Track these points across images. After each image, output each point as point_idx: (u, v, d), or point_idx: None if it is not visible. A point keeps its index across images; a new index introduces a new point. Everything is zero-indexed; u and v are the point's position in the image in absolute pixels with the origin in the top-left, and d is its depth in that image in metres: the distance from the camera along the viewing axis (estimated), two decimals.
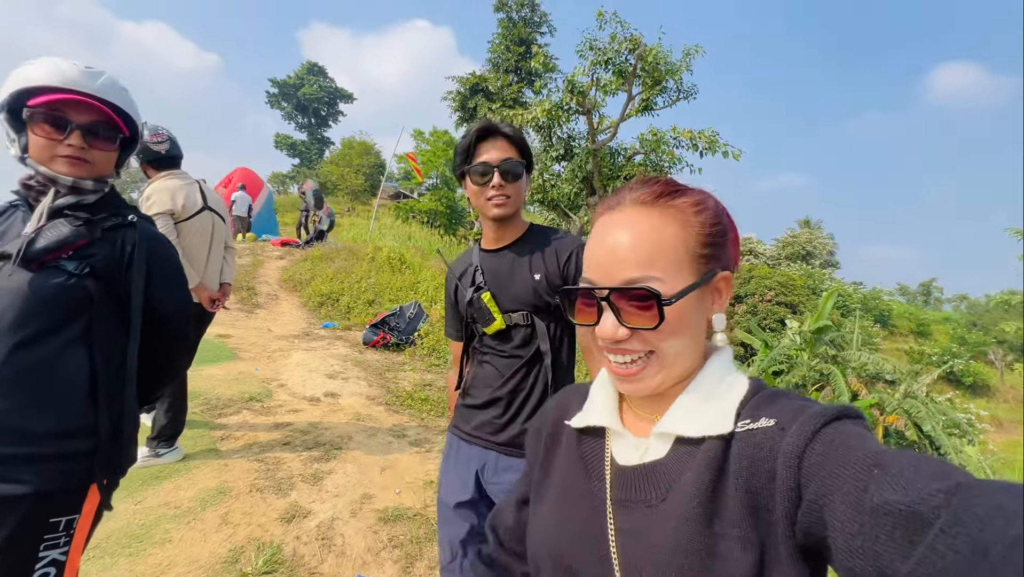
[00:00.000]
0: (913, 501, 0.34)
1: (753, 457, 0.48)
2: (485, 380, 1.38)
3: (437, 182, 25.62)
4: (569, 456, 0.64)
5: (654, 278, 0.53)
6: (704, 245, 0.55)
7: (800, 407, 0.49)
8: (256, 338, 5.84)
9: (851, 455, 0.41)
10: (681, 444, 0.55)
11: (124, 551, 1.98)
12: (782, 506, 0.44)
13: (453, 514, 1.36)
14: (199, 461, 2.76)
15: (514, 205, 1.31)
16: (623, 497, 0.56)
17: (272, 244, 11.81)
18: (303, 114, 39.46)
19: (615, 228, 0.56)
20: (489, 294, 1.33)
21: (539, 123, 10.92)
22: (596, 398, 0.64)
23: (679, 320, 0.54)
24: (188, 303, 1.31)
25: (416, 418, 4.05)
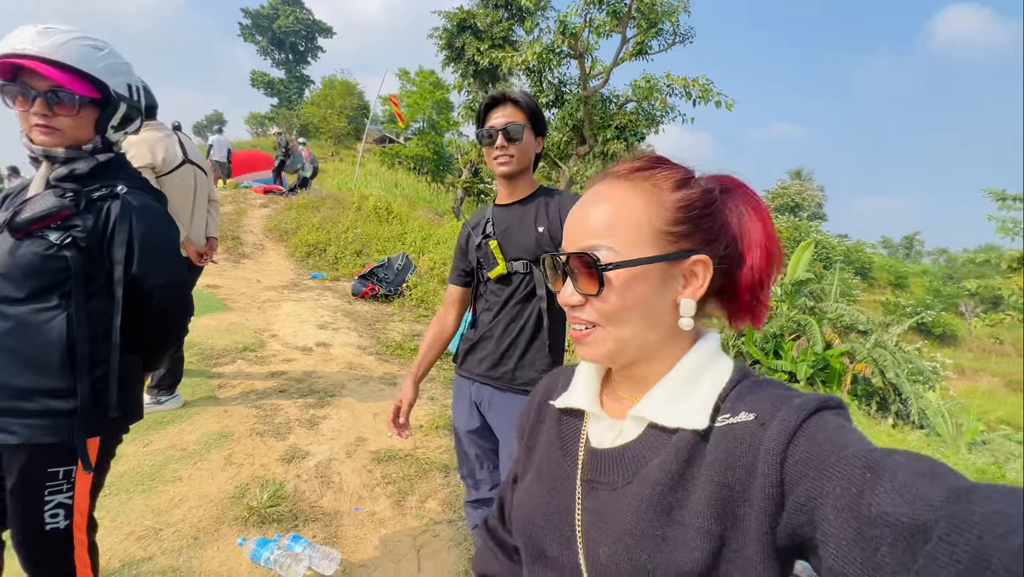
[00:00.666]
0: (915, 512, 0.33)
1: (730, 451, 0.48)
2: (485, 321, 1.55)
3: (424, 126, 24.75)
4: (549, 436, 0.66)
5: (605, 247, 0.54)
6: (674, 222, 0.54)
7: (780, 399, 0.48)
8: (245, 288, 5.89)
9: (839, 454, 0.41)
10: (654, 429, 0.55)
11: (137, 488, 2.15)
12: (761, 504, 0.44)
13: (466, 438, 1.60)
14: (199, 408, 2.91)
15: (518, 163, 1.44)
16: (592, 478, 0.57)
17: (255, 191, 11.55)
18: (279, 49, 37.17)
19: (587, 199, 0.58)
20: (496, 242, 1.49)
21: (529, 66, 10.52)
22: (579, 380, 0.65)
23: (626, 291, 0.53)
24: (177, 277, 1.28)
25: (406, 367, 4.22)
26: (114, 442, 1.29)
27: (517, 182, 1.49)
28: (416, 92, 23.69)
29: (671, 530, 0.48)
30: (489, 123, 1.44)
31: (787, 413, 0.45)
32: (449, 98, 24.23)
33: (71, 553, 1.23)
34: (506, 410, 1.50)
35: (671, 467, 0.50)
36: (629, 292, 0.54)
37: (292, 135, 29.83)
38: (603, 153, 10.64)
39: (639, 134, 10.74)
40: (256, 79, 37.44)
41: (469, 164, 16.10)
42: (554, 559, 0.57)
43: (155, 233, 1.23)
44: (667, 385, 0.55)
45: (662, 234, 0.54)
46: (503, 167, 1.43)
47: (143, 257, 1.19)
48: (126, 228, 1.17)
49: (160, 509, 2.05)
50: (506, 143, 1.40)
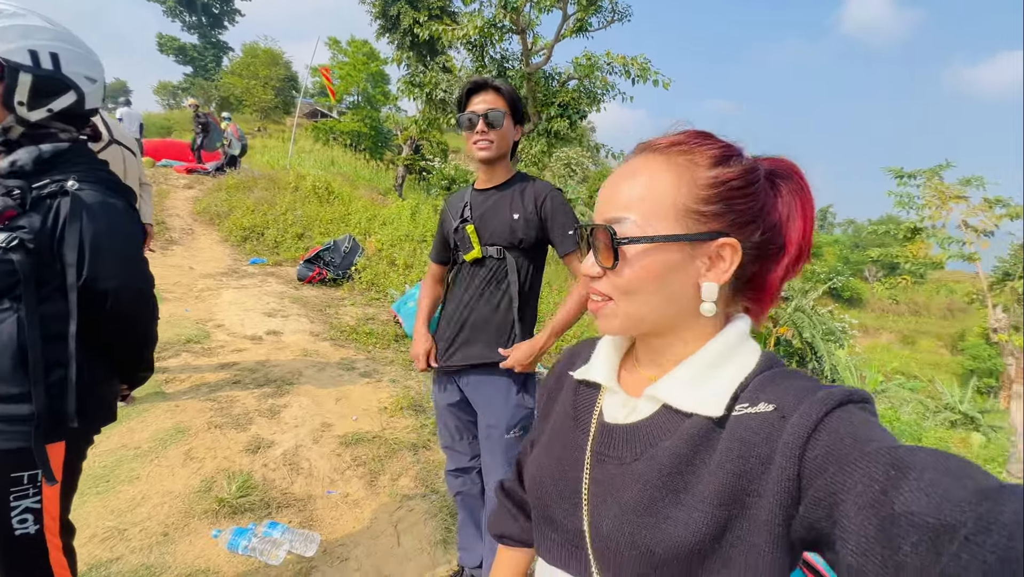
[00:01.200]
0: (941, 512, 0.33)
1: (746, 441, 0.47)
2: (461, 303, 1.61)
3: (359, 100, 23.57)
4: (564, 405, 0.67)
5: (629, 220, 0.53)
6: (704, 201, 0.52)
7: (802, 391, 0.47)
8: (178, 277, 5.51)
9: (861, 449, 0.40)
10: (668, 410, 0.54)
11: (92, 491, 2.05)
12: (776, 496, 0.44)
13: (445, 411, 1.69)
14: (147, 404, 2.77)
15: (498, 149, 1.48)
16: (601, 451, 0.58)
17: (176, 171, 10.64)
18: (190, 10, 33.64)
19: (620, 171, 0.56)
20: (472, 226, 1.54)
21: (471, 41, 10.30)
22: (599, 353, 0.65)
23: (642, 268, 0.52)
24: (134, 280, 1.21)
25: (363, 351, 4.19)
26: (83, 444, 1.24)
27: (496, 168, 1.54)
28: (349, 63, 22.47)
29: (674, 510, 0.48)
30: (470, 108, 1.47)
31: (809, 406, 0.45)
32: (385, 71, 23.22)
33: (45, 559, 1.19)
34: (483, 388, 1.59)
35: (681, 451, 0.50)
36: (645, 269, 0.52)
37: (212, 108, 27.47)
38: (547, 131, 10.73)
39: (581, 112, 10.90)
40: (164, 44, 33.82)
41: (409, 141, 15.63)
42: (560, 523, 0.58)
43: (110, 233, 1.14)
44: (688, 368, 0.54)
45: (689, 212, 0.52)
46: (483, 152, 1.47)
47: (95, 259, 1.11)
48: (76, 228, 1.08)
49: (120, 510, 1.98)
50: (486, 128, 1.44)
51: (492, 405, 1.58)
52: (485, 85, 1.47)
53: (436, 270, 1.74)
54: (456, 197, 1.66)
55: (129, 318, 1.22)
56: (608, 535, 0.52)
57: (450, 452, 1.76)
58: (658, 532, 0.48)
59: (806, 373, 0.52)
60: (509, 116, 1.47)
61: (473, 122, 1.45)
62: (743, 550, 0.45)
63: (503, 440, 1.58)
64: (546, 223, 1.52)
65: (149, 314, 1.29)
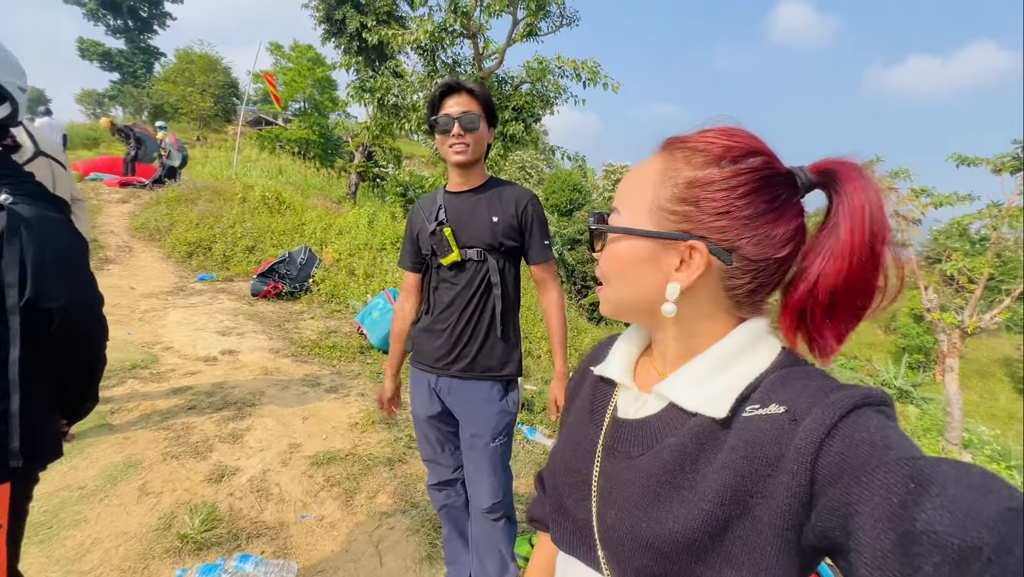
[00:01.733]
0: (967, 533, 0.31)
1: (753, 442, 0.46)
2: (438, 310, 1.56)
3: (305, 106, 22.81)
4: (583, 400, 0.68)
5: (617, 211, 0.56)
6: (676, 200, 0.51)
7: (817, 392, 0.45)
8: (117, 299, 5.11)
9: (879, 459, 0.38)
10: (675, 408, 0.54)
11: (32, 540, 1.84)
12: (785, 500, 0.43)
13: (426, 423, 1.64)
14: (91, 439, 2.54)
15: (474, 153, 1.44)
16: (612, 445, 0.59)
17: (107, 185, 9.91)
18: (115, 14, 31.52)
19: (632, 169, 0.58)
20: (450, 229, 1.49)
21: (421, 45, 10.20)
22: (616, 350, 0.65)
23: (616, 259, 0.55)
24: (82, 295, 1.12)
25: (327, 366, 4.03)
26: (29, 483, 1.12)
27: (471, 171, 1.50)
28: (293, 69, 21.73)
29: (675, 506, 0.48)
30: (444, 111, 1.42)
31: (822, 410, 0.43)
32: (332, 76, 22.61)
33: None
34: (467, 396, 1.55)
35: (686, 448, 0.50)
36: (616, 259, 0.55)
37: (143, 117, 25.79)
38: (502, 134, 10.77)
39: (535, 115, 11.01)
40: (87, 49, 31.48)
41: (361, 147, 15.27)
42: (571, 512, 0.60)
43: (52, 247, 1.05)
44: (696, 366, 0.53)
45: (661, 209, 0.52)
46: (459, 156, 1.43)
47: (38, 276, 1.02)
48: (16, 246, 0.99)
49: (67, 558, 1.79)
50: (462, 132, 1.40)
51: (476, 414, 1.54)
52: (459, 87, 1.42)
53: (411, 280, 1.67)
54: (427, 200, 1.60)
55: (81, 338, 1.13)
56: (612, 526, 0.53)
57: (432, 465, 1.71)
58: (657, 526, 0.48)
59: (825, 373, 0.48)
60: (484, 119, 1.44)
61: (448, 125, 1.41)
62: (746, 549, 0.45)
63: (488, 449, 1.54)
64: (523, 229, 1.51)
65: (101, 333, 1.20)
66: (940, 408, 12.39)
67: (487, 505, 1.56)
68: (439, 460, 1.68)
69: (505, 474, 1.61)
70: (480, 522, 1.61)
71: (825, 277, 0.47)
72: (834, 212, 0.48)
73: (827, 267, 0.47)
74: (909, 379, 16.43)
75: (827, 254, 0.47)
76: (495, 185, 1.54)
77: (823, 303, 0.48)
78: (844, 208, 0.47)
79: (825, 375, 0.48)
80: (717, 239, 0.50)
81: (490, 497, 1.55)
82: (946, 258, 7.03)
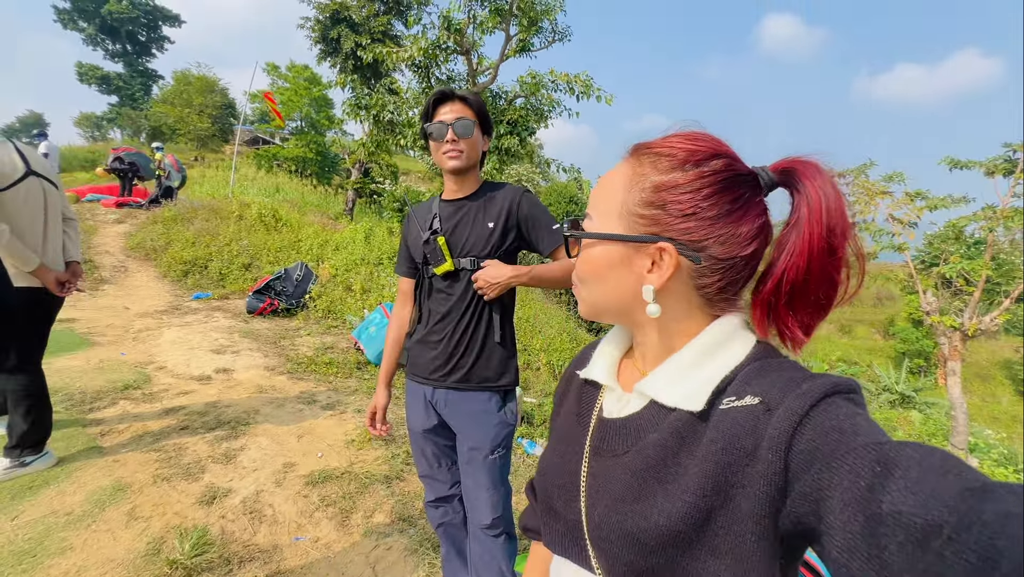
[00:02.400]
0: (928, 512, 0.33)
1: (730, 434, 0.48)
2: (433, 321, 1.52)
3: (302, 125, 22.99)
4: (570, 403, 0.69)
5: (590, 216, 0.58)
6: (644, 204, 0.53)
7: (789, 383, 0.47)
8: (111, 319, 5.06)
9: (847, 444, 0.40)
10: (655, 404, 0.56)
11: (15, 570, 1.78)
12: (762, 489, 0.44)
13: (422, 437, 1.58)
14: (80, 462, 2.47)
15: (467, 159, 1.43)
16: (598, 445, 0.60)
17: (104, 205, 9.92)
18: (113, 39, 31.94)
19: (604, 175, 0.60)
20: (443, 238, 1.47)
21: (415, 62, 10.31)
22: (600, 353, 0.66)
23: (590, 263, 0.57)
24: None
25: (323, 383, 3.97)
26: None
27: (465, 178, 1.48)
28: (290, 88, 21.95)
29: (659, 500, 0.49)
30: (437, 118, 1.42)
31: (794, 400, 0.44)
32: (328, 95, 22.84)
33: None
34: (464, 408, 1.51)
35: (668, 443, 0.51)
36: (590, 263, 0.57)
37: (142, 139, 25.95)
38: (498, 148, 10.84)
39: (530, 128, 11.10)
40: (85, 73, 31.82)
41: (358, 164, 15.35)
42: (561, 514, 0.61)
43: None
44: (674, 363, 0.55)
45: (631, 214, 0.54)
46: (453, 162, 1.42)
47: None
48: None
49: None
50: (456, 138, 1.40)
51: (474, 426, 1.50)
52: (452, 96, 1.42)
53: (405, 285, 1.65)
54: (422, 209, 1.58)
55: None
56: (600, 524, 0.54)
57: (429, 481, 1.65)
58: (643, 520, 0.49)
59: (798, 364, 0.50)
60: (478, 126, 1.43)
61: (442, 132, 1.40)
62: (728, 539, 0.46)
63: (487, 462, 1.50)
64: (524, 225, 1.48)
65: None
66: (943, 413, 12.30)
67: (487, 521, 1.51)
68: (436, 476, 1.63)
69: (505, 488, 1.56)
70: (479, 539, 1.55)
71: (788, 272, 0.50)
72: (796, 209, 0.50)
73: (790, 262, 0.49)
74: (910, 384, 16.35)
75: (790, 249, 0.49)
76: (488, 190, 1.52)
77: (788, 296, 0.51)
78: (803, 205, 0.49)
79: (798, 366, 0.49)
80: (685, 240, 0.52)
81: (490, 512, 1.50)
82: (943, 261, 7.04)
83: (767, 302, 0.52)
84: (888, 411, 11.74)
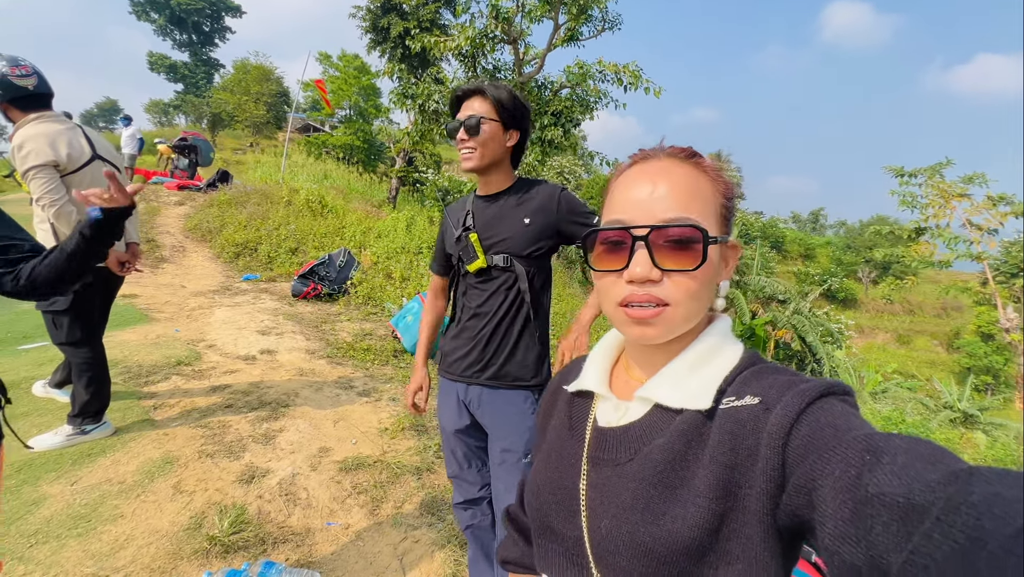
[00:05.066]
0: (911, 493, 0.33)
1: (734, 433, 0.48)
2: (466, 317, 1.50)
3: (351, 113, 23.55)
4: (560, 418, 0.68)
5: (691, 220, 0.53)
6: (724, 207, 0.57)
7: (786, 384, 0.48)
8: (168, 296, 5.36)
9: (840, 437, 0.41)
10: (659, 409, 0.55)
11: (71, 532, 1.89)
12: (763, 486, 0.45)
13: (454, 437, 1.56)
14: (134, 433, 2.62)
15: (480, 158, 1.37)
16: (596, 455, 0.59)
17: (167, 188, 10.51)
18: (181, 29, 33.74)
19: (652, 173, 0.55)
20: (476, 235, 1.43)
21: (462, 52, 10.29)
22: (591, 364, 0.66)
23: (710, 268, 0.53)
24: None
25: (360, 369, 4.05)
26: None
27: (490, 176, 1.44)
28: (340, 77, 22.50)
29: (670, 507, 0.49)
30: (458, 118, 1.40)
31: (791, 398, 0.46)
32: (376, 84, 23.27)
33: None
34: (498, 407, 1.47)
35: (675, 447, 0.51)
36: (712, 268, 0.54)
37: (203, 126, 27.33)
38: (541, 139, 10.71)
39: (575, 120, 10.90)
40: (155, 62, 33.83)
41: (403, 153, 15.58)
42: (559, 532, 0.59)
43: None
44: (676, 366, 0.56)
45: (720, 215, 0.56)
46: (466, 162, 1.39)
47: None
48: None
49: (102, 553, 1.82)
50: (467, 136, 1.35)
51: (507, 426, 1.46)
52: (471, 92, 1.38)
53: (437, 282, 1.64)
54: (457, 206, 1.56)
55: None
56: (607, 537, 0.52)
57: (458, 482, 1.63)
58: (656, 529, 0.48)
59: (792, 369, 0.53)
60: (495, 120, 1.37)
61: (455, 131, 1.38)
62: (740, 543, 0.46)
63: (519, 466, 1.45)
64: (565, 224, 1.42)
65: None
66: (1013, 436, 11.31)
67: None
68: (465, 476, 1.60)
69: None
70: None
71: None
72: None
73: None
74: (975, 402, 15.15)
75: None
76: (524, 186, 1.47)
77: None
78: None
79: (793, 371, 0.52)
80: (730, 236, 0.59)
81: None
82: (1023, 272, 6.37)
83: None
84: (949, 430, 10.91)
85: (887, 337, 36.42)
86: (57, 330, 2.45)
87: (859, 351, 24.27)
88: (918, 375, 21.63)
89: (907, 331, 37.53)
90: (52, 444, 2.42)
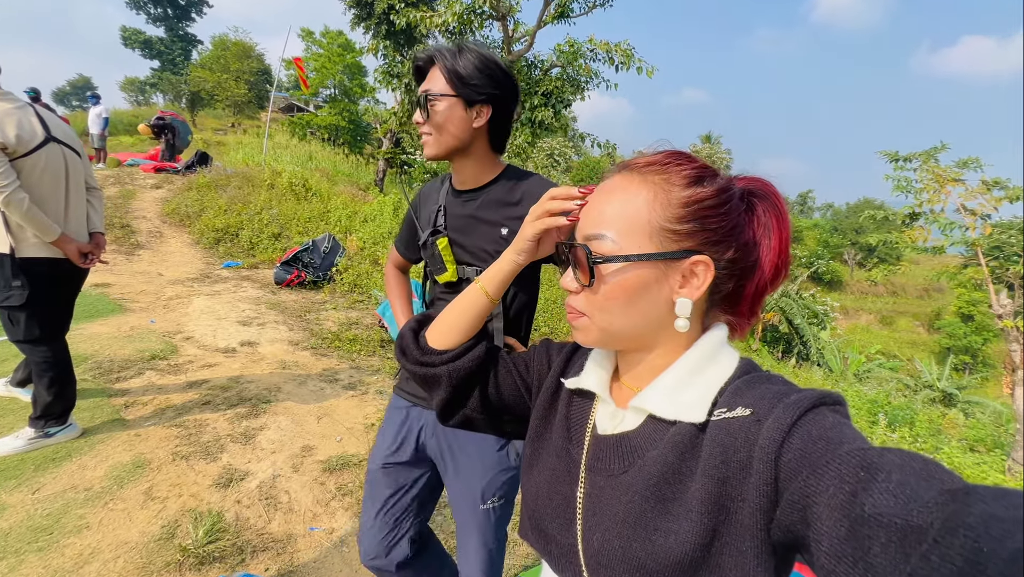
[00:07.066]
0: (909, 513, 0.33)
1: (725, 446, 0.47)
2: None
3: (335, 92, 22.88)
4: (559, 416, 0.66)
5: (605, 238, 0.53)
6: (677, 220, 0.52)
7: (777, 395, 0.48)
8: (144, 285, 5.14)
9: (833, 452, 0.40)
10: (653, 420, 0.55)
11: (31, 546, 1.77)
12: (756, 500, 0.44)
13: (380, 475, 1.28)
14: (103, 435, 2.47)
15: (436, 143, 1.11)
16: (593, 464, 0.58)
17: (143, 170, 10.11)
18: (155, 3, 32.33)
19: (600, 189, 0.57)
20: (446, 240, 1.18)
21: (449, 28, 9.94)
22: (592, 362, 0.64)
23: (616, 285, 0.53)
24: None
25: (346, 360, 3.92)
26: None
27: (463, 165, 1.17)
28: (323, 55, 21.79)
29: (664, 521, 0.48)
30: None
31: (782, 410, 0.45)
32: (362, 62, 22.60)
33: None
34: (456, 438, 1.23)
35: (668, 459, 0.51)
36: (619, 286, 0.54)
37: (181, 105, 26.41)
38: (531, 120, 10.46)
39: (565, 100, 10.67)
40: (129, 37, 32.46)
41: (389, 133, 15.20)
42: (554, 538, 0.59)
43: None
44: (669, 377, 0.55)
45: (663, 231, 0.53)
46: (425, 148, 1.13)
47: None
48: None
49: (64, 569, 1.70)
50: (420, 119, 1.10)
51: (467, 462, 1.22)
52: (428, 60, 1.10)
53: (397, 260, 1.41)
54: (431, 190, 1.30)
55: None
56: (599, 549, 0.52)
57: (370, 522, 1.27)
58: (649, 544, 0.48)
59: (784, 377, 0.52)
60: (451, 96, 1.07)
61: (413, 111, 1.16)
62: (732, 557, 0.45)
63: (478, 513, 1.21)
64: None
65: None
66: (989, 415, 11.59)
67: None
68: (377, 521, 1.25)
69: (498, 546, 1.26)
70: None
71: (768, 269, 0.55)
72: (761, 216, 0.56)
73: (770, 260, 0.55)
74: (954, 381, 15.49)
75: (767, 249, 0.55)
76: (509, 182, 1.18)
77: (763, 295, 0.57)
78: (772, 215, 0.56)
79: (785, 380, 0.51)
80: (714, 251, 0.53)
81: (477, 573, 1.24)
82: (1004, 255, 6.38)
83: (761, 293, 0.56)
84: (929, 409, 11.14)
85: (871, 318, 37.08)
86: (13, 327, 2.28)
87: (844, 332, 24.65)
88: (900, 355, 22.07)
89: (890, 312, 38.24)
90: (12, 448, 2.27)
